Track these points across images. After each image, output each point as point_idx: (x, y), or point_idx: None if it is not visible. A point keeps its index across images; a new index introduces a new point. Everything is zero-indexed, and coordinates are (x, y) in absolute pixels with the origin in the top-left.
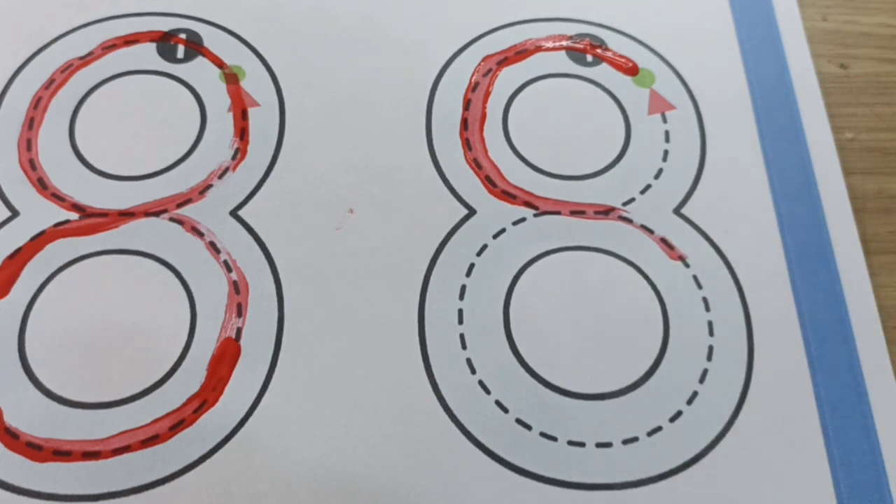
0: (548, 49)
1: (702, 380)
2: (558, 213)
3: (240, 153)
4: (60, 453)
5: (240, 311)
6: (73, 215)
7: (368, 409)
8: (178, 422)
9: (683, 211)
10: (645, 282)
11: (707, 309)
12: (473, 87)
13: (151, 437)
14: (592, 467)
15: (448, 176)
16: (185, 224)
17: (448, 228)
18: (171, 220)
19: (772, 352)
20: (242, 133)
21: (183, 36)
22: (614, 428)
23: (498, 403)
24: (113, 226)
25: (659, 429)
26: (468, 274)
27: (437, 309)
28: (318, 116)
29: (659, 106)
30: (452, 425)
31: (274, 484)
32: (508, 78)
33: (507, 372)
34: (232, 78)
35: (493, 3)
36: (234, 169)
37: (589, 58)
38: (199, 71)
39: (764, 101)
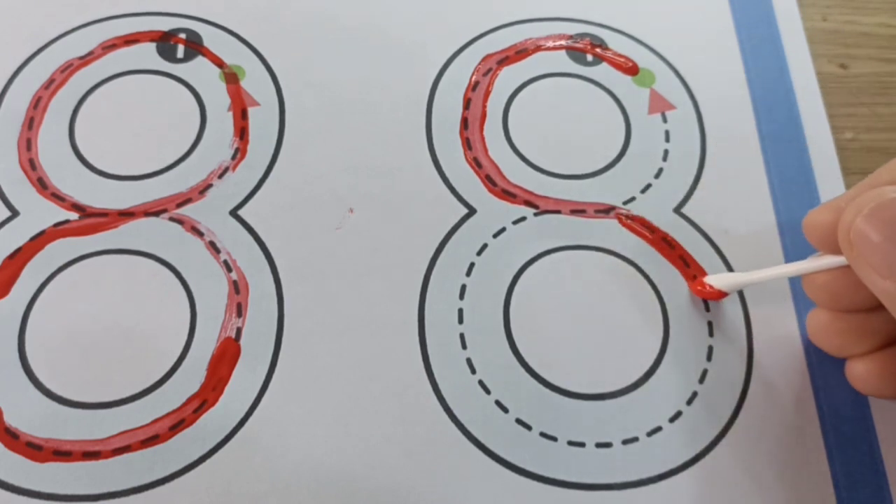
0: (548, 48)
1: (702, 380)
2: (559, 212)
3: (240, 153)
4: (60, 453)
5: (240, 310)
6: (73, 215)
7: (368, 409)
8: (178, 422)
9: (684, 210)
10: (645, 282)
11: (707, 309)
12: (473, 87)
13: (151, 437)
14: (592, 467)
15: (448, 175)
16: (185, 224)
17: (448, 228)
18: (171, 219)
19: (772, 352)
20: (242, 133)
21: (183, 36)
22: (614, 428)
23: (498, 403)
24: (113, 226)
25: (659, 429)
26: (468, 273)
27: (437, 309)
28: (318, 116)
29: (659, 105)
30: (452, 425)
31: (274, 484)
32: (508, 77)
33: (507, 372)
34: (232, 77)
35: (493, 3)
36: (234, 169)
37: (589, 57)
38: (199, 71)
39: (764, 101)
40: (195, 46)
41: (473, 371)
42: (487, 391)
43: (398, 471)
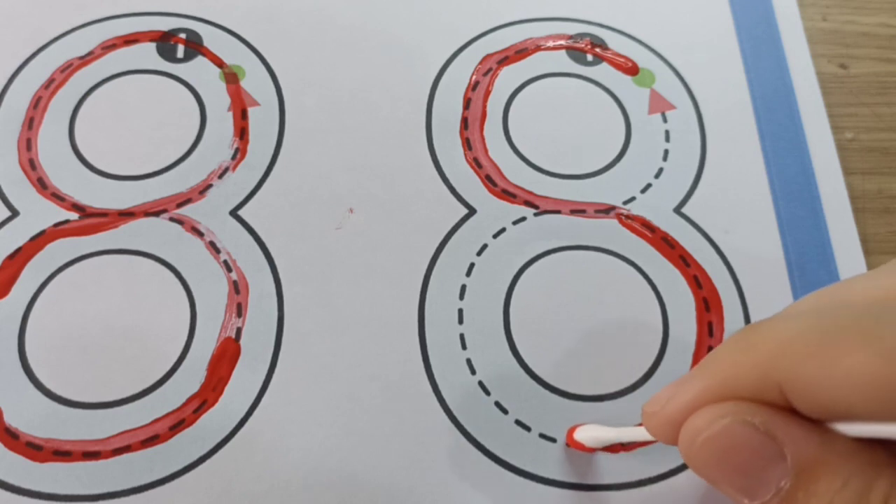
0: (548, 48)
1: None
2: (559, 212)
3: (240, 153)
4: (60, 453)
5: (240, 310)
6: (73, 215)
7: (368, 409)
8: (178, 422)
9: (684, 210)
10: (645, 282)
11: (707, 309)
12: (473, 86)
13: (151, 437)
14: (592, 468)
15: (448, 175)
16: (185, 224)
17: (448, 228)
18: (171, 219)
19: None
20: (242, 132)
21: (183, 35)
22: None
23: (497, 405)
24: (113, 226)
25: None
26: (468, 274)
27: (437, 309)
28: (318, 116)
29: (659, 105)
30: (452, 426)
31: (274, 484)
32: (509, 77)
33: (506, 372)
34: (232, 77)
35: (493, 3)
36: (234, 169)
37: (589, 57)
38: (199, 70)
39: (764, 101)
40: (195, 46)
41: (473, 372)
42: (487, 392)
43: (398, 471)
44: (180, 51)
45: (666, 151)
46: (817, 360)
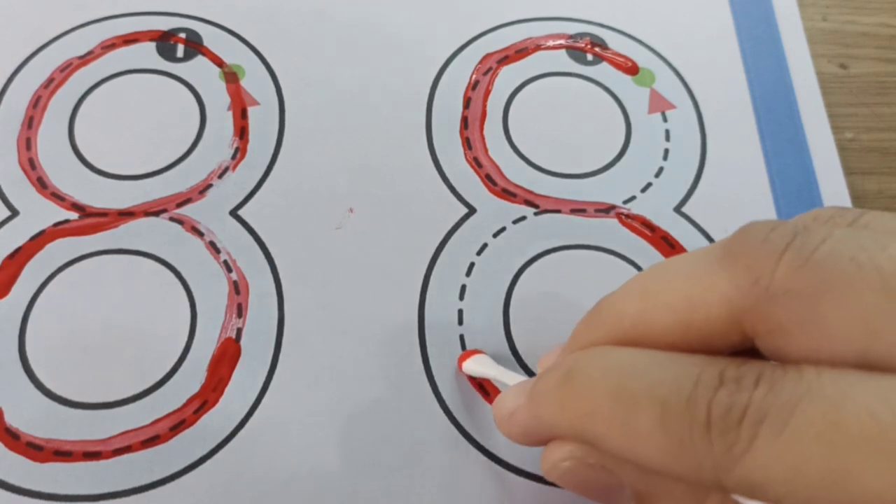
0: (548, 48)
1: None
2: (559, 211)
3: (239, 152)
4: (61, 454)
5: (240, 311)
6: (73, 215)
7: (368, 409)
8: (179, 422)
9: (684, 210)
10: None
11: None
12: (473, 86)
13: (152, 438)
14: None
15: (448, 175)
16: (185, 224)
17: (448, 228)
18: (171, 219)
19: None
20: (242, 132)
21: (182, 35)
22: None
23: None
24: (113, 225)
25: None
26: (468, 273)
27: (437, 309)
28: (318, 116)
29: (659, 105)
30: (452, 426)
31: (274, 484)
32: (509, 76)
33: None
34: (231, 77)
35: (493, 2)
36: (234, 168)
37: (589, 57)
38: (199, 70)
39: (764, 101)
40: (195, 46)
41: None
42: (486, 392)
43: (398, 471)
44: (180, 50)
45: (666, 151)
46: None
